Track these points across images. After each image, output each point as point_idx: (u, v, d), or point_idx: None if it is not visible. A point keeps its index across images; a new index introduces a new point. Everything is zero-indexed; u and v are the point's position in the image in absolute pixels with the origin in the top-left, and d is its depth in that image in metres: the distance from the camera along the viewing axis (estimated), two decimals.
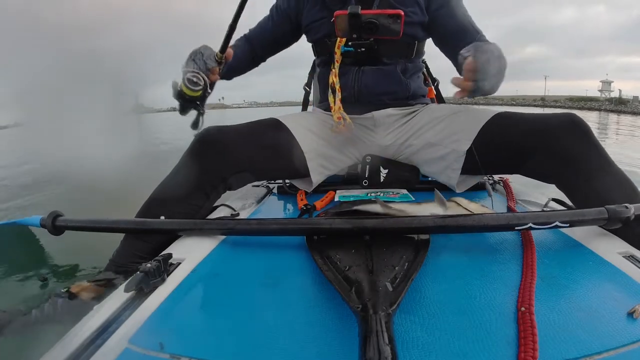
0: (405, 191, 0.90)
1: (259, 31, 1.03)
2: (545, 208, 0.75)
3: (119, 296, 0.46)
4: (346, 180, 1.00)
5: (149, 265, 0.48)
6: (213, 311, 0.45)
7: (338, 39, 0.87)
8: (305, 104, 1.21)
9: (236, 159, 0.77)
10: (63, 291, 0.65)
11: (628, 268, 0.48)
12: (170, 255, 0.53)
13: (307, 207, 0.78)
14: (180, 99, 0.79)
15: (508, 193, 0.86)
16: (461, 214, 0.60)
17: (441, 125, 0.86)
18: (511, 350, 0.35)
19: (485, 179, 0.92)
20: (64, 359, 0.36)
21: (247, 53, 1.03)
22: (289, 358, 0.36)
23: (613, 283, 0.46)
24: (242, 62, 1.03)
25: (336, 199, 0.88)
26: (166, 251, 0.57)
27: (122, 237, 0.71)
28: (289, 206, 0.91)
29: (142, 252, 0.68)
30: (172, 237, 0.64)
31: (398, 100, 0.94)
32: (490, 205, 0.75)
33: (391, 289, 0.40)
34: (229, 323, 0.41)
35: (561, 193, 0.71)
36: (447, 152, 0.83)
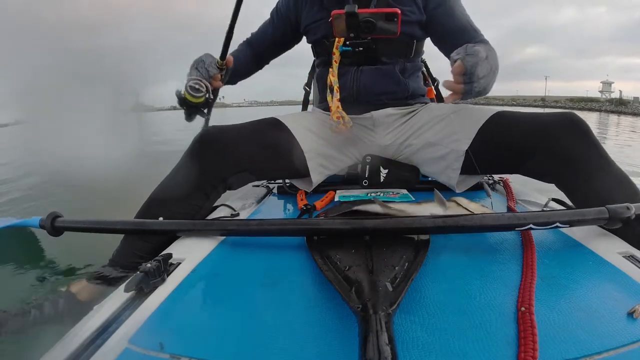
0: (405, 191, 0.90)
1: (261, 35, 1.06)
2: (545, 208, 0.75)
3: (119, 296, 0.46)
4: (346, 180, 1.00)
5: (149, 265, 0.48)
6: (213, 311, 0.45)
7: (336, 39, 0.87)
8: (305, 104, 1.22)
9: (236, 159, 0.77)
10: (62, 291, 0.65)
11: (628, 268, 0.48)
12: (170, 255, 0.54)
13: (307, 207, 0.78)
14: (184, 106, 0.82)
15: (508, 193, 0.86)
16: (461, 214, 0.60)
17: (441, 124, 0.86)
18: (511, 350, 0.35)
19: (485, 179, 0.92)
20: (64, 359, 0.36)
21: (250, 57, 1.06)
22: (289, 358, 0.36)
23: (613, 283, 0.46)
24: (245, 67, 1.05)
25: (336, 199, 0.88)
26: (166, 251, 0.57)
27: (122, 237, 0.71)
28: (289, 206, 0.91)
29: (142, 252, 0.68)
30: (172, 237, 0.64)
31: (397, 99, 0.94)
32: (490, 205, 0.75)
33: (391, 289, 0.40)
34: (229, 323, 0.41)
35: (561, 193, 0.71)
36: (447, 152, 0.83)
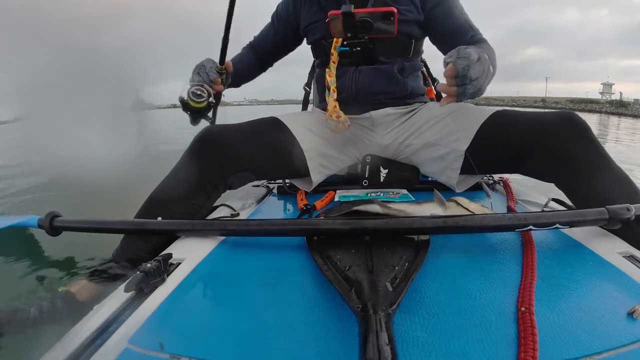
0: (405, 191, 0.90)
1: (262, 38, 1.08)
2: (545, 208, 0.75)
3: (119, 296, 0.46)
4: (346, 180, 1.00)
5: (149, 265, 0.48)
6: (213, 311, 0.45)
7: (334, 40, 0.87)
8: (305, 104, 1.22)
9: (237, 158, 0.77)
10: (62, 291, 0.65)
11: (628, 268, 0.48)
12: (170, 255, 0.54)
13: (307, 207, 0.78)
14: (188, 111, 0.84)
15: (508, 193, 0.86)
16: (461, 215, 0.60)
17: (440, 124, 0.86)
18: (511, 350, 0.35)
19: (484, 179, 0.92)
20: (64, 359, 0.36)
21: (253, 60, 1.08)
22: (289, 358, 0.36)
23: (613, 283, 0.46)
24: (248, 70, 1.08)
25: (336, 199, 0.88)
26: (166, 251, 0.57)
27: (122, 237, 0.71)
28: (289, 206, 0.91)
29: (142, 252, 0.68)
30: (172, 237, 0.64)
31: (395, 99, 0.94)
32: (490, 205, 0.74)
33: (391, 289, 0.40)
34: (229, 323, 0.41)
35: (561, 193, 0.71)
36: (447, 152, 0.83)
